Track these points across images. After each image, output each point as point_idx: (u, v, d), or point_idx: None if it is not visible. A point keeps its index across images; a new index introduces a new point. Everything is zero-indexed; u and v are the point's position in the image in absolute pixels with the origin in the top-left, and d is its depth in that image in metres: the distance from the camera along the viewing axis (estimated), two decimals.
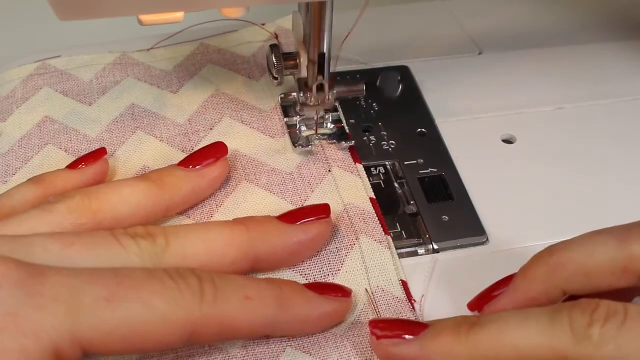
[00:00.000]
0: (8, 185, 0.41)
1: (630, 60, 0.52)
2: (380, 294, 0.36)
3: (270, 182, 0.41)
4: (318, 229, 0.36)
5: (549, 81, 0.50)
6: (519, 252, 0.38)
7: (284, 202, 0.40)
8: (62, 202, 0.34)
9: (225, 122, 0.45)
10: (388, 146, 0.44)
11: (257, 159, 0.43)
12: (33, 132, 0.44)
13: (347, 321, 0.35)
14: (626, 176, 0.43)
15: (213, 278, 0.30)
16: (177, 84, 0.48)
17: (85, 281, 0.27)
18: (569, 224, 0.40)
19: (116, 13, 0.32)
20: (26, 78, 0.48)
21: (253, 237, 0.34)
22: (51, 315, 0.26)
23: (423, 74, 0.50)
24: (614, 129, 0.46)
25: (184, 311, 0.28)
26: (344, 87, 0.43)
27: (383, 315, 0.35)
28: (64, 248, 0.30)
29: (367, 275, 0.37)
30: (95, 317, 0.27)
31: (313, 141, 0.43)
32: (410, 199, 0.41)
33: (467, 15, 0.57)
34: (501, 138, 0.46)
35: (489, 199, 0.41)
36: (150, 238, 0.32)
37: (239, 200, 0.40)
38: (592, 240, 0.31)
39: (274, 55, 0.42)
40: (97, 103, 0.46)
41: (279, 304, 0.31)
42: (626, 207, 0.41)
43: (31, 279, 0.27)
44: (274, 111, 0.46)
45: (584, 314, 0.28)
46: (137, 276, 0.28)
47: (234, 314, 0.30)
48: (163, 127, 0.45)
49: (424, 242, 0.39)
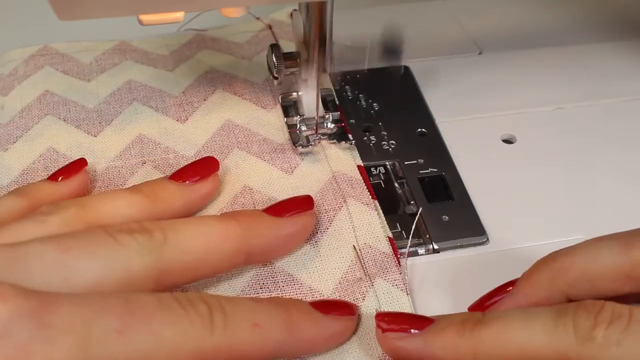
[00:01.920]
0: (9, 152, 0.43)
1: (630, 60, 0.52)
2: (367, 250, 0.37)
3: (261, 150, 0.43)
4: (305, 221, 0.37)
5: (549, 81, 0.50)
6: (519, 252, 0.38)
7: (274, 169, 0.42)
8: (56, 214, 0.34)
9: (218, 94, 0.47)
10: (388, 146, 0.44)
11: (249, 128, 0.45)
12: (33, 104, 0.46)
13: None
14: (626, 176, 0.43)
15: (222, 305, 0.29)
16: (173, 65, 0.50)
17: (97, 311, 0.27)
18: (569, 224, 0.40)
19: (116, 13, 0.32)
20: (28, 58, 0.49)
21: (246, 231, 0.34)
22: (62, 348, 0.25)
23: (423, 74, 0.50)
24: (614, 129, 0.46)
25: (194, 342, 0.28)
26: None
27: (370, 268, 0.37)
28: (60, 254, 0.30)
29: (354, 234, 0.38)
30: (107, 349, 0.26)
31: (313, 141, 0.43)
32: (411, 199, 0.41)
33: (467, 15, 0.57)
34: (501, 138, 0.46)
35: (489, 199, 0.41)
36: (147, 233, 0.32)
37: (231, 167, 0.42)
38: (596, 246, 0.31)
39: (274, 55, 0.42)
40: (95, 80, 0.48)
41: (287, 328, 0.31)
42: (626, 207, 0.41)
43: (42, 309, 0.26)
44: (265, 84, 0.48)
45: (588, 315, 0.28)
46: (148, 305, 0.28)
47: (244, 342, 0.29)
48: (159, 99, 0.46)
49: (425, 242, 0.39)
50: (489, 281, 0.34)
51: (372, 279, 0.36)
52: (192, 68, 0.49)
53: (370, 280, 0.36)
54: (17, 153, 0.43)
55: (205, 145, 0.44)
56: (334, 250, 0.38)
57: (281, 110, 0.45)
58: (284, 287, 0.36)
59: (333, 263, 0.37)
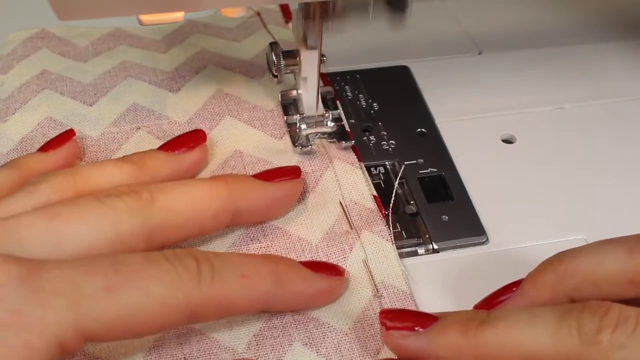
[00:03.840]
0: (8, 124, 0.44)
1: (630, 60, 0.52)
2: (353, 206, 0.39)
3: (251, 117, 0.45)
4: (292, 187, 0.38)
5: (549, 81, 0.50)
6: (519, 252, 0.38)
7: (264, 134, 0.44)
8: (45, 182, 0.34)
9: (209, 69, 0.49)
10: (388, 146, 0.44)
11: (239, 97, 0.46)
12: (31, 81, 0.47)
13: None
14: (626, 176, 0.43)
15: (210, 258, 0.30)
16: (166, 47, 0.51)
17: (84, 272, 0.27)
18: (568, 224, 0.40)
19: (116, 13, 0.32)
20: (26, 40, 0.51)
21: (233, 191, 0.35)
22: (53, 309, 0.26)
23: (423, 74, 0.50)
24: (614, 129, 0.46)
25: (183, 294, 0.29)
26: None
27: (356, 222, 0.38)
28: (51, 221, 0.31)
29: (340, 191, 0.40)
30: (97, 308, 0.27)
31: (313, 140, 0.43)
32: (411, 199, 0.41)
33: (467, 15, 0.57)
34: (501, 138, 0.46)
35: (489, 199, 0.41)
36: (135, 194, 0.33)
37: (222, 133, 0.44)
38: (601, 249, 0.31)
39: (273, 54, 0.42)
40: (91, 61, 0.50)
41: (275, 280, 0.32)
42: (626, 207, 0.41)
43: (31, 274, 0.27)
44: (255, 60, 0.50)
45: (593, 318, 0.27)
46: (135, 262, 0.29)
47: (232, 293, 0.30)
48: (152, 74, 0.48)
49: (424, 242, 0.39)
50: (488, 281, 0.34)
51: (359, 231, 0.38)
52: (184, 50, 0.51)
53: (357, 232, 0.38)
54: (16, 123, 0.44)
55: (198, 112, 0.45)
56: (321, 206, 0.40)
57: (270, 78, 0.45)
58: (274, 238, 0.38)
59: (321, 217, 0.39)
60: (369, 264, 0.37)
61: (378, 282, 0.36)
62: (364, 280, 0.36)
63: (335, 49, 0.49)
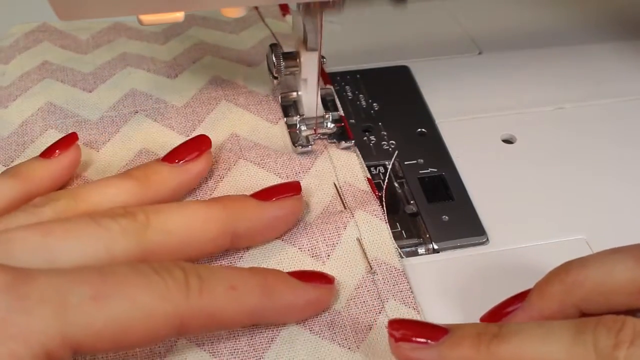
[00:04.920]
0: (9, 109, 0.45)
1: (630, 60, 0.52)
2: (347, 188, 0.41)
3: (247, 102, 0.46)
4: (292, 205, 0.37)
5: (549, 81, 0.50)
6: (519, 252, 0.38)
7: (259, 119, 0.45)
8: (48, 206, 0.34)
9: (207, 59, 0.50)
10: (388, 146, 0.44)
11: (235, 82, 0.48)
12: (33, 71, 0.48)
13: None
14: (626, 176, 0.43)
15: (198, 270, 0.30)
16: (165, 39, 0.52)
17: (70, 280, 0.27)
18: (568, 224, 0.40)
19: (116, 13, 0.32)
20: (28, 32, 0.52)
21: (230, 213, 0.35)
22: (39, 318, 0.26)
23: (423, 74, 0.50)
24: (614, 129, 0.46)
25: (171, 305, 0.28)
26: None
27: (349, 202, 0.39)
28: (44, 237, 0.30)
29: (335, 173, 0.41)
30: (83, 317, 0.27)
31: (313, 141, 0.43)
32: (411, 199, 0.41)
33: (467, 15, 0.57)
34: (501, 138, 0.46)
35: (489, 199, 0.41)
36: (131, 216, 0.32)
37: (219, 117, 0.45)
38: (610, 259, 0.30)
39: (274, 55, 0.42)
40: (92, 53, 0.51)
41: (264, 292, 0.31)
42: (626, 207, 0.41)
43: (17, 282, 0.26)
44: (251, 51, 0.51)
45: (609, 333, 0.27)
46: (122, 272, 0.28)
47: (221, 305, 0.30)
48: (151, 63, 0.49)
49: (424, 242, 0.39)
50: (489, 281, 0.34)
51: (352, 211, 0.39)
52: (183, 41, 0.52)
53: (351, 211, 0.39)
54: (17, 108, 0.45)
55: (194, 96, 0.46)
56: (316, 187, 0.41)
57: (267, 66, 0.45)
58: None
59: (315, 197, 0.40)
60: (362, 241, 0.37)
61: (371, 259, 0.37)
62: (357, 257, 0.37)
63: (335, 49, 0.49)
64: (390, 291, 0.35)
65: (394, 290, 0.36)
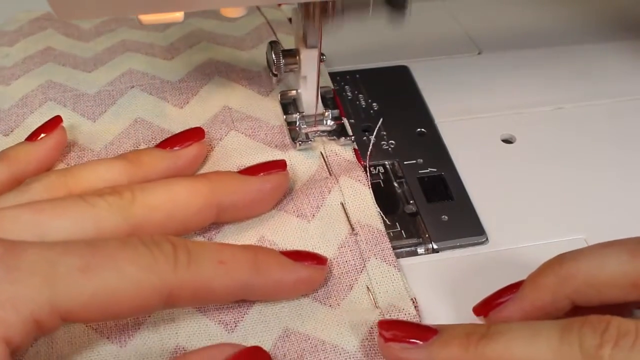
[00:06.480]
0: (11, 87, 0.47)
1: (630, 60, 0.52)
2: (333, 157, 0.42)
3: (240, 77, 0.48)
4: (277, 180, 0.38)
5: (549, 81, 0.50)
6: (519, 252, 0.38)
7: (252, 92, 0.47)
8: (38, 182, 0.35)
9: (202, 44, 0.52)
10: (388, 146, 0.44)
11: (229, 62, 0.50)
12: (36, 55, 0.51)
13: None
14: (626, 176, 0.43)
15: (187, 244, 0.30)
16: (164, 27, 0.54)
17: (60, 252, 0.28)
18: (568, 224, 0.40)
19: (116, 13, 0.32)
20: (33, 20, 0.55)
21: (214, 187, 0.36)
22: (29, 287, 0.26)
23: (423, 74, 0.50)
24: (614, 129, 0.46)
25: (158, 277, 0.29)
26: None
27: (335, 169, 0.41)
28: (34, 214, 0.31)
29: (323, 145, 0.43)
30: (72, 287, 0.27)
31: (313, 138, 0.43)
32: (410, 198, 0.41)
33: (467, 15, 0.57)
34: (501, 138, 0.46)
35: (489, 199, 0.41)
36: (117, 194, 0.33)
37: (212, 90, 0.47)
38: (603, 252, 0.30)
39: (273, 53, 0.42)
40: (94, 41, 0.53)
41: (253, 268, 0.32)
42: (626, 207, 0.41)
43: (8, 254, 0.27)
44: (246, 37, 0.53)
45: (594, 333, 0.27)
46: (111, 245, 0.29)
47: (209, 278, 0.30)
48: (149, 48, 0.51)
49: (424, 242, 0.39)
50: (488, 281, 0.34)
51: (337, 177, 0.40)
52: (181, 28, 0.53)
53: (336, 178, 0.40)
54: (19, 85, 0.48)
55: (189, 74, 0.48)
56: (302, 156, 0.42)
57: (264, 51, 0.47)
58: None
59: (302, 167, 0.42)
60: (345, 205, 0.38)
61: (354, 222, 0.38)
62: (341, 219, 0.38)
63: (335, 49, 0.49)
64: (372, 250, 0.37)
65: (375, 250, 0.37)
